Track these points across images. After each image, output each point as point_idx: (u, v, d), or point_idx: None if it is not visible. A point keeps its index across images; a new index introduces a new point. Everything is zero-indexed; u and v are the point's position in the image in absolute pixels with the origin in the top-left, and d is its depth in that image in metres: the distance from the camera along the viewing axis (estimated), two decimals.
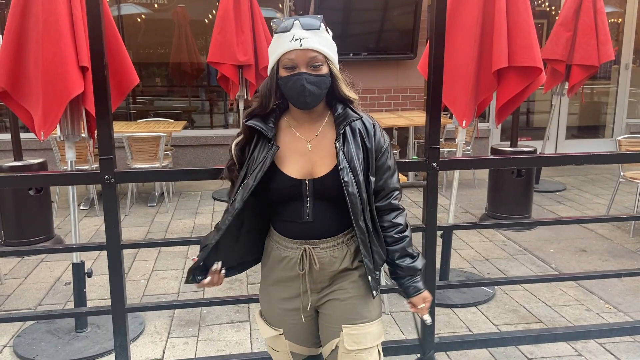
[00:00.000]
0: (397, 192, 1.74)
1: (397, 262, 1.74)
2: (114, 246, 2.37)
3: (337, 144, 1.63)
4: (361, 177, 1.63)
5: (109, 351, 2.93)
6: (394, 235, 1.73)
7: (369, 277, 1.68)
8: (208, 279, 1.70)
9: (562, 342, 3.04)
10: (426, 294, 1.78)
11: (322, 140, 1.67)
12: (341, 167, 1.61)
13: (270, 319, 1.78)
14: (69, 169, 3.01)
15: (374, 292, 1.71)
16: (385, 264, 1.78)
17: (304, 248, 1.66)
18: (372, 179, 1.68)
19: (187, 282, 1.72)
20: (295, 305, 1.72)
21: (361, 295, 1.71)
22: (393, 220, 1.72)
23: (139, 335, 3.19)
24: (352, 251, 1.70)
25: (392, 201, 1.73)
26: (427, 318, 1.83)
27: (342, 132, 1.65)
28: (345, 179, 1.61)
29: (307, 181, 1.64)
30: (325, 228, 1.66)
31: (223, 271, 1.72)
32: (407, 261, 1.74)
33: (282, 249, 1.69)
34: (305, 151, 1.67)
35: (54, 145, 5.34)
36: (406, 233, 1.74)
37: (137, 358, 2.95)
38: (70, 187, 3.02)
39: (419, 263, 1.75)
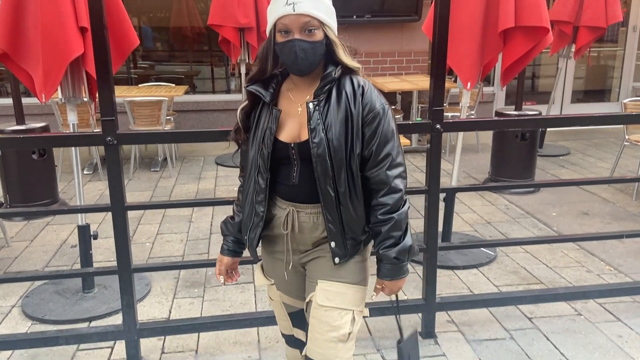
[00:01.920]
0: (388, 160, 1.63)
1: (376, 244, 1.70)
2: (118, 207, 2.39)
3: (310, 105, 1.61)
4: (336, 140, 1.59)
5: (116, 310, 2.98)
6: (379, 217, 1.65)
7: (332, 242, 1.65)
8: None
9: (562, 302, 3.08)
10: (392, 284, 1.70)
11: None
12: (312, 127, 1.59)
13: (266, 269, 1.87)
14: (72, 132, 3.01)
15: (336, 258, 1.66)
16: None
17: (290, 210, 1.69)
18: (358, 144, 1.62)
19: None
20: (281, 259, 1.78)
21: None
22: (380, 199, 1.64)
23: (146, 295, 3.24)
24: None
25: (385, 172, 1.63)
26: (373, 296, 1.78)
27: (321, 92, 1.62)
28: (315, 140, 1.59)
29: (292, 144, 1.64)
30: (310, 193, 1.65)
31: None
32: (386, 245, 1.66)
33: (274, 207, 1.73)
34: (296, 114, 1.67)
35: (56, 109, 5.32)
36: (393, 215, 1.64)
37: (144, 317, 3.01)
38: (73, 150, 3.02)
39: (396, 251, 1.65)
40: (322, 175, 1.60)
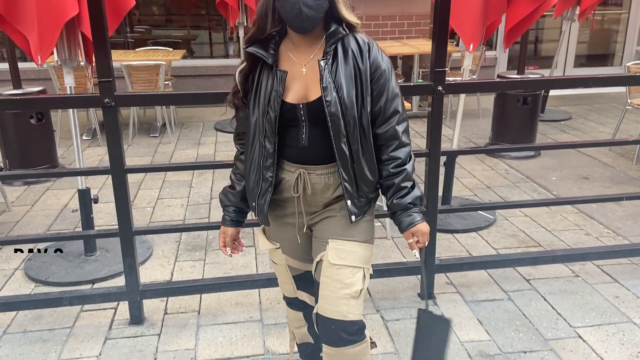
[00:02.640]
0: (397, 116, 1.66)
1: (389, 196, 1.72)
2: (118, 170, 2.39)
3: (322, 62, 1.59)
4: (347, 98, 1.59)
5: (118, 273, 3.01)
6: (391, 170, 1.69)
7: (348, 201, 1.67)
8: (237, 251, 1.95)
9: (560, 264, 3.11)
10: (417, 228, 1.71)
11: (316, 62, 1.63)
12: (324, 85, 1.58)
13: (269, 234, 1.86)
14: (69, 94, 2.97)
15: (353, 217, 1.69)
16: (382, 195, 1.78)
17: (300, 172, 1.67)
18: (368, 100, 1.62)
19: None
20: (291, 226, 1.77)
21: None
22: (391, 154, 1.68)
23: (147, 259, 3.27)
24: None
25: (395, 127, 1.66)
26: (415, 253, 1.76)
27: (330, 50, 1.61)
28: (328, 99, 1.58)
29: (301, 105, 1.62)
30: (320, 154, 1.65)
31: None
32: (399, 195, 1.70)
33: (281, 171, 1.71)
34: (300, 75, 1.64)
35: (53, 74, 5.25)
36: (405, 167, 1.69)
37: (147, 280, 3.04)
38: (71, 113, 2.99)
39: (410, 197, 1.70)
40: (337, 133, 1.60)
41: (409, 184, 1.71)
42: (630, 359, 2.37)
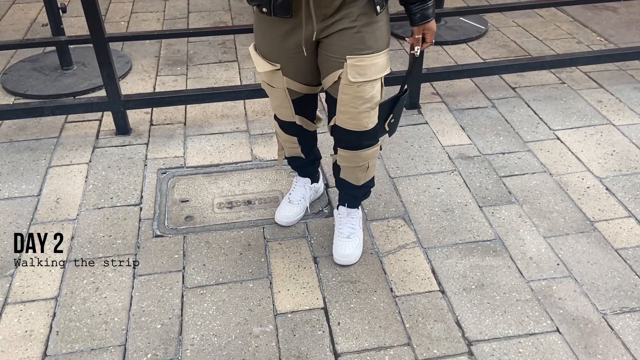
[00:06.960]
0: None
1: None
2: None
3: None
4: None
5: (99, 87, 2.94)
6: None
7: None
8: None
9: (547, 72, 3.08)
10: (431, 24, 1.65)
11: None
12: None
13: (266, 54, 1.68)
14: None
15: (378, 7, 1.55)
16: None
17: None
18: None
19: None
20: (296, 38, 1.59)
21: (369, 24, 1.57)
22: None
23: (127, 73, 3.18)
24: None
25: None
26: (417, 50, 1.71)
27: None
28: None
29: None
30: None
31: None
32: None
33: None
34: None
35: None
36: None
37: (128, 92, 2.98)
38: None
39: None
40: None
41: None
42: (604, 157, 2.47)
